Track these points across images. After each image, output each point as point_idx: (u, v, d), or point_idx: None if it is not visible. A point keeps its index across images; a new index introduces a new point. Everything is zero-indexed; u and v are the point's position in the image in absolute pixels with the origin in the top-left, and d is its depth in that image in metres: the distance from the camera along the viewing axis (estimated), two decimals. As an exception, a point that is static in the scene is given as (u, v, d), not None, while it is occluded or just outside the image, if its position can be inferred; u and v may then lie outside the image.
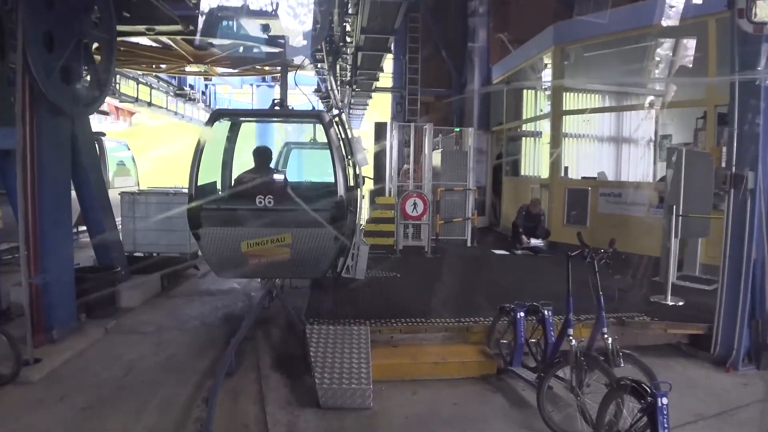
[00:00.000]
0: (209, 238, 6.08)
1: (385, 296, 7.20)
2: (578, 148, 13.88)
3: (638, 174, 14.53)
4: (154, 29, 9.59)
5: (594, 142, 14.66)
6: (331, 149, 6.20)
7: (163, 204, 10.34)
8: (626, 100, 14.45)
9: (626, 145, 14.99)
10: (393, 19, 9.65)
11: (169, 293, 8.68)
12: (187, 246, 10.25)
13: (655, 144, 15.02)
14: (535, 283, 8.26)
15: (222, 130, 7.22)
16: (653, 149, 14.97)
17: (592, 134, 14.47)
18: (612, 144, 14.93)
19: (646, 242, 10.05)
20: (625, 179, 13.42)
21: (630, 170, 14.61)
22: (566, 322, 4.80)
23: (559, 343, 4.93)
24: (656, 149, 14.95)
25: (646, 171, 14.77)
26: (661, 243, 8.95)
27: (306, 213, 6.10)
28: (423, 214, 10.58)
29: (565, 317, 4.85)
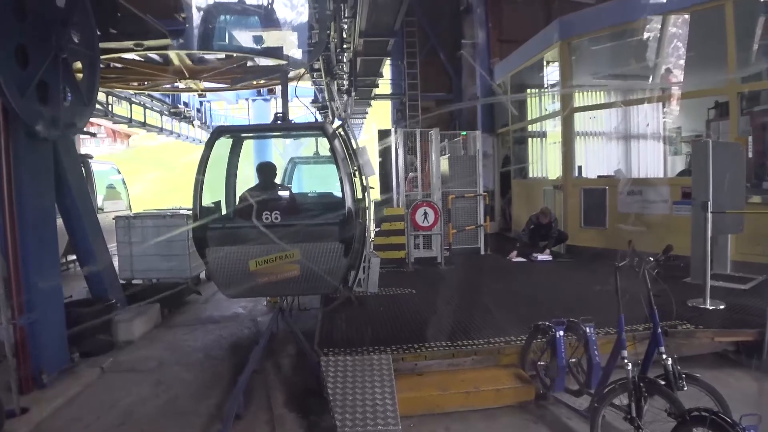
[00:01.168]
0: (216, 259, 5.92)
1: (403, 317, 6.61)
2: (586, 146, 13.40)
3: (649, 169, 14.09)
4: (143, 44, 9.21)
5: (601, 139, 14.20)
6: (336, 161, 6.05)
7: (160, 227, 9.86)
8: (634, 94, 14.00)
9: (635, 140, 14.58)
10: (392, 20, 9.16)
11: (170, 322, 8.10)
12: (188, 270, 9.77)
13: (664, 137, 14.65)
14: (560, 292, 7.74)
15: (224, 147, 7.04)
16: (662, 143, 14.65)
17: (600, 131, 14.00)
18: (620, 140, 14.49)
19: (671, 240, 9.52)
20: (636, 176, 12.94)
21: (640, 166, 14.18)
22: (619, 343, 4.23)
23: (611, 367, 4.35)
24: (665, 143, 14.61)
25: (657, 166, 14.36)
26: (689, 241, 8.61)
27: (314, 227, 6.01)
28: (434, 223, 10.04)
29: (617, 337, 4.28)
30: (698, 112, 13.07)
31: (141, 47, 9.35)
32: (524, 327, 5.77)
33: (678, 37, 10.71)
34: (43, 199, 5.91)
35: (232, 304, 9.00)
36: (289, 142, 24.58)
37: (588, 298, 7.29)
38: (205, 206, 6.24)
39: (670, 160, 14.55)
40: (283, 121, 6.72)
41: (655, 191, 10.20)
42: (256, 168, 7.00)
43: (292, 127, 7.48)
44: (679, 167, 14.15)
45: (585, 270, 9.22)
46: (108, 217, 10.74)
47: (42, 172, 5.93)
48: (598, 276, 8.42)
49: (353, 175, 6.64)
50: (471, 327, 6.01)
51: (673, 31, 10.87)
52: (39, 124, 5.56)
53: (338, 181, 6.09)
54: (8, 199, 5.24)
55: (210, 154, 6.11)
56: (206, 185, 6.14)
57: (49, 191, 6.11)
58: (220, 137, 6.51)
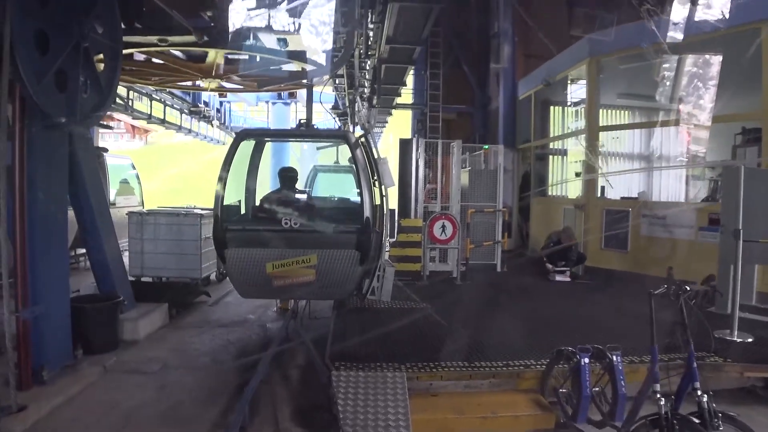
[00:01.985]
0: (235, 259, 6.03)
1: (418, 332, 6.37)
2: (608, 167, 13.11)
3: (670, 194, 13.81)
4: (167, 40, 9.09)
5: (623, 160, 13.95)
6: (357, 170, 6.20)
7: (173, 225, 9.71)
8: (658, 116, 13.75)
9: (657, 163, 14.31)
10: (421, 27, 8.95)
11: (178, 324, 7.90)
12: (199, 270, 9.62)
13: (688, 162, 14.36)
14: (580, 315, 7.45)
15: (246, 149, 7.14)
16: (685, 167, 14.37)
17: (622, 152, 13.74)
18: (642, 162, 14.24)
19: (695, 268, 9.26)
20: (656, 199, 12.69)
21: (662, 189, 13.91)
22: (652, 375, 3.97)
23: (641, 400, 4.08)
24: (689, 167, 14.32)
25: (678, 190, 14.09)
26: (715, 269, 8.18)
27: (332, 234, 6.12)
28: (452, 237, 9.78)
29: (650, 369, 4.02)
30: (723, 137, 12.75)
31: (165, 43, 9.26)
32: (544, 350, 5.54)
33: (709, 60, 10.45)
34: (55, 190, 5.75)
35: (241, 308, 8.80)
36: (307, 147, 24.56)
37: (609, 322, 7.04)
38: (227, 207, 6.33)
39: (692, 185, 14.29)
40: (307, 127, 6.81)
41: (680, 216, 9.92)
42: (278, 172, 7.09)
43: (316, 134, 7.80)
44: (702, 193, 13.86)
45: (605, 293, 8.93)
46: (120, 212, 10.61)
47: (56, 161, 5.78)
48: (619, 300, 8.17)
49: (373, 184, 6.63)
50: (488, 348, 5.76)
51: (703, 54, 10.62)
52: (55, 112, 5.40)
53: (358, 189, 6.24)
54: (19, 187, 5.08)
55: (234, 155, 6.22)
56: (228, 187, 6.24)
57: (61, 182, 5.96)
58: (245, 140, 6.64)
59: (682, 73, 11.05)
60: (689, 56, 10.81)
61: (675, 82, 11.45)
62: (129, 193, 14.13)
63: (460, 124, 18.68)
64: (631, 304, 7.92)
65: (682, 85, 11.79)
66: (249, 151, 7.46)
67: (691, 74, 11.39)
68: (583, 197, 11.63)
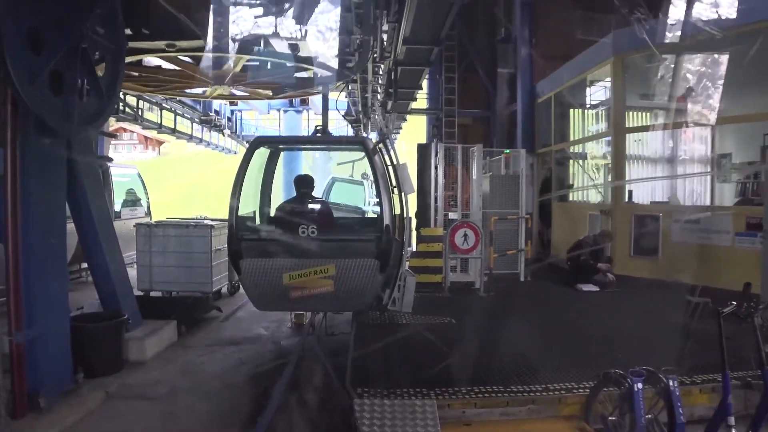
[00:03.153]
0: (250, 270, 5.88)
1: (445, 352, 5.84)
2: (630, 171, 12.58)
3: (695, 197, 13.26)
4: (175, 45, 8.78)
5: (646, 163, 13.40)
6: (376, 177, 6.10)
7: (182, 237, 9.31)
8: (684, 117, 13.24)
9: (681, 165, 13.78)
10: (440, 25, 8.52)
11: (187, 342, 7.44)
12: (209, 284, 9.20)
13: (713, 164, 13.85)
14: (616, 329, 6.95)
15: (260, 158, 7.01)
16: (711, 169, 13.84)
17: (645, 155, 13.19)
18: (665, 165, 13.69)
19: (732, 276, 8.69)
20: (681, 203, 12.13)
21: (686, 193, 13.35)
22: (725, 407, 3.47)
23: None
24: (714, 169, 13.79)
25: (704, 193, 13.56)
26: (755, 277, 7.62)
27: (350, 243, 6.04)
28: (475, 246, 9.29)
29: (722, 399, 3.52)
30: (751, 137, 12.20)
31: (173, 48, 8.95)
32: (585, 370, 5.09)
33: (737, 56, 9.89)
34: (51, 200, 5.34)
35: (253, 323, 8.36)
36: (319, 155, 24.20)
37: (648, 336, 6.50)
38: (241, 217, 6.20)
39: (718, 188, 13.75)
40: (323, 133, 6.68)
41: (715, 221, 9.37)
42: (294, 180, 6.93)
43: (332, 141, 7.65)
44: (727, 196, 13.31)
45: (638, 303, 8.40)
46: (126, 224, 10.22)
47: (52, 170, 5.36)
48: (655, 311, 7.60)
49: (392, 191, 6.42)
50: (524, 369, 5.26)
51: (731, 49, 10.07)
52: (49, 117, 4.98)
53: (377, 197, 6.12)
54: (11, 197, 4.66)
55: (248, 164, 6.12)
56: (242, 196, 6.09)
57: (58, 192, 5.54)
58: (259, 148, 6.51)
59: (709, 71, 10.52)
60: (716, 54, 10.29)
61: (700, 80, 10.96)
62: (135, 204, 13.74)
63: (476, 129, 18.18)
64: (669, 315, 7.41)
65: (709, 83, 11.33)
66: (263, 160, 7.27)
67: (718, 72, 10.89)
68: (611, 202, 11.07)
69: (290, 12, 10.44)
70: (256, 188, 7.20)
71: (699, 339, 5.86)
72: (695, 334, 5.85)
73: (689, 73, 11.21)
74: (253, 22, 11.11)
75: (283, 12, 10.26)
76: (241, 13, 12.00)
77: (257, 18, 10.88)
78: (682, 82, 11.57)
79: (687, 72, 11.08)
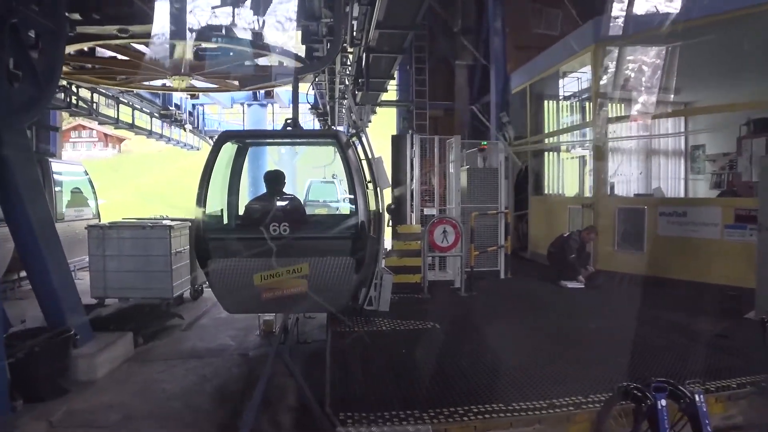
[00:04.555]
0: (218, 271, 5.70)
1: (432, 363, 5.25)
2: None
3: (669, 188, 13.07)
4: (128, 30, 8.09)
5: (621, 155, 13.10)
6: (350, 172, 5.92)
7: (139, 239, 8.56)
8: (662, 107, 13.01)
9: (655, 157, 13.62)
10: (416, 8, 7.93)
11: (145, 356, 6.72)
12: (170, 289, 8.47)
13: (686, 155, 13.67)
14: (614, 331, 6.50)
15: (228, 153, 6.75)
16: (684, 161, 13.54)
17: (621, 147, 12.88)
18: (641, 156, 13.46)
19: (722, 270, 8.46)
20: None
21: (662, 184, 13.16)
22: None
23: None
24: (687, 161, 13.60)
25: (677, 185, 13.37)
26: (744, 270, 7.69)
27: (324, 241, 5.84)
28: (455, 244, 8.76)
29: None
30: (725, 128, 12.01)
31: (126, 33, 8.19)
32: (591, 381, 4.60)
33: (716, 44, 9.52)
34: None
35: (218, 332, 7.70)
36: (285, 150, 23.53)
37: (650, 339, 6.04)
38: (209, 215, 6.02)
39: (691, 179, 13.58)
40: (294, 127, 6.37)
41: (702, 213, 9.04)
42: (264, 176, 6.70)
43: (304, 135, 7.34)
44: (701, 187, 13.15)
45: (628, 301, 7.98)
46: (72, 226, 9.40)
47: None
48: (649, 309, 7.23)
49: (367, 187, 6.25)
50: (525, 382, 4.71)
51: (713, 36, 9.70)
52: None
53: (350, 193, 5.99)
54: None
55: (215, 159, 5.90)
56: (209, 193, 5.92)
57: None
58: (227, 142, 6.31)
59: (687, 59, 10.18)
60: (696, 40, 9.93)
61: (673, 69, 10.67)
62: (81, 204, 12.63)
63: (447, 121, 17.69)
64: (664, 313, 7.09)
65: (687, 72, 11.04)
66: (231, 156, 6.93)
67: (698, 60, 10.57)
68: (593, 195, 10.65)
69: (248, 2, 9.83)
70: (223, 185, 6.84)
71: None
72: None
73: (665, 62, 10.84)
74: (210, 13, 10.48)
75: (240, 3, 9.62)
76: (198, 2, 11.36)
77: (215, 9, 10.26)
78: (661, 71, 11.22)
79: (664, 61, 10.70)
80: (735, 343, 5.86)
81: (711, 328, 6.44)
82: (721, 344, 5.83)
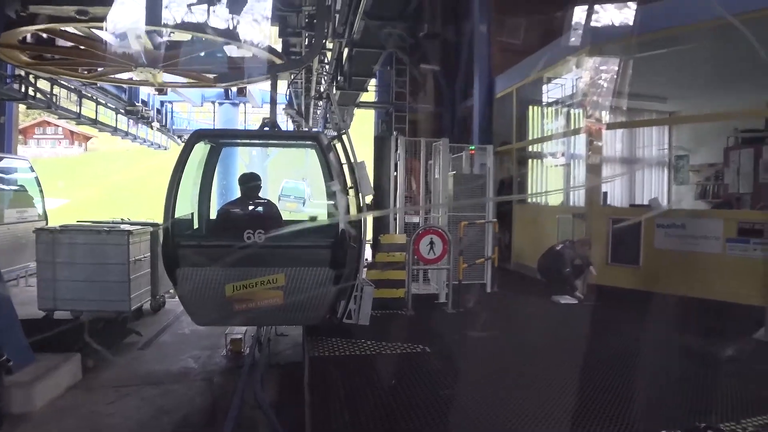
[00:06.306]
0: (188, 281, 5.37)
1: (427, 397, 4.54)
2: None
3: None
4: (88, 12, 7.39)
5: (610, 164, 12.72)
6: (331, 176, 5.64)
7: (94, 245, 7.72)
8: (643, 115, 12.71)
9: (639, 166, 13.37)
10: (405, -2, 7.27)
11: (94, 381, 5.86)
12: (127, 302, 7.65)
13: (670, 165, 13.38)
14: (624, 356, 5.82)
15: (200, 153, 6.42)
16: (668, 171, 13.35)
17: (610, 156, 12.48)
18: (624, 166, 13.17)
19: (724, 286, 7.95)
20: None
21: (645, 195, 12.86)
22: None
23: None
24: (671, 171, 13.28)
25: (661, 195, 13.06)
26: (749, 288, 7.44)
27: (302, 250, 5.53)
28: (442, 256, 8.10)
29: None
30: (708, 139, 11.77)
31: (85, 16, 7.61)
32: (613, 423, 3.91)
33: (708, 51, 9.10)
34: None
35: (180, 351, 6.89)
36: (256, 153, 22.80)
37: (660, 365, 5.48)
38: (178, 220, 5.70)
39: (675, 190, 13.29)
40: (272, 128, 6.20)
41: (702, 226, 8.56)
42: (239, 179, 6.37)
43: (282, 136, 7.06)
44: (686, 199, 12.86)
45: (629, 319, 7.41)
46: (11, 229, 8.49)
47: None
48: (653, 329, 6.70)
49: (347, 193, 5.94)
50: (538, 418, 4.04)
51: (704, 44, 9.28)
52: None
53: (329, 200, 5.81)
54: None
55: (186, 160, 5.56)
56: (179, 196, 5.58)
57: None
58: (199, 142, 6.00)
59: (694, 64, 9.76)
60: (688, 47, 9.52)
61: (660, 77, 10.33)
62: (25, 203, 11.44)
63: (427, 125, 17.10)
64: (669, 334, 6.55)
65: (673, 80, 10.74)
66: (203, 156, 6.60)
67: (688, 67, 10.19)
68: (585, 205, 10.11)
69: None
70: (195, 188, 6.49)
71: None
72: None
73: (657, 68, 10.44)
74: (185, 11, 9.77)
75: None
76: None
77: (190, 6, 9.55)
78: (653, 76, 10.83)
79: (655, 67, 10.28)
80: (748, 369, 5.37)
81: (722, 351, 5.91)
82: (736, 371, 5.32)
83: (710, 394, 4.68)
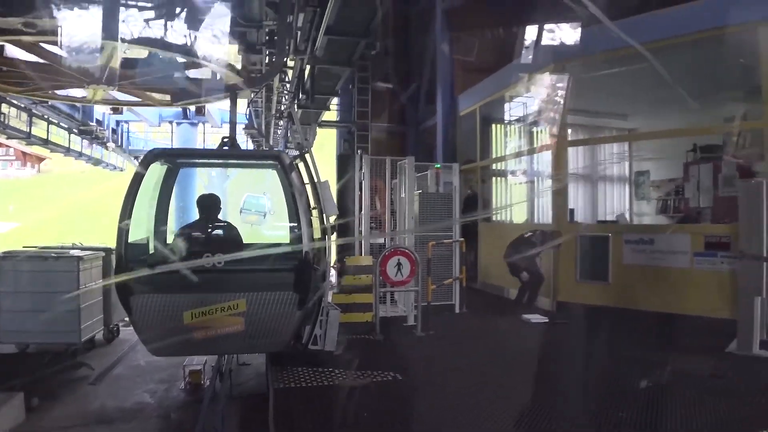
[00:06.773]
0: (143, 308, 5.07)
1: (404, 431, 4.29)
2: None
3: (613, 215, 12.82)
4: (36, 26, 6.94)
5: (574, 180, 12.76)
6: (294, 197, 5.44)
7: (41, 272, 7.22)
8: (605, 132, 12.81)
9: (600, 183, 13.40)
10: (371, 13, 7.08)
11: (38, 422, 5.34)
12: (77, 332, 7.14)
13: (630, 181, 13.50)
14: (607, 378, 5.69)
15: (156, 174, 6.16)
16: (629, 187, 13.26)
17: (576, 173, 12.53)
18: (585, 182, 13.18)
19: (693, 300, 8.01)
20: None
21: (607, 210, 12.90)
22: None
23: None
24: (632, 187, 13.42)
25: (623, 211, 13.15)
26: (716, 300, 7.59)
27: (264, 274, 5.32)
28: (410, 277, 7.87)
29: None
30: (668, 155, 11.90)
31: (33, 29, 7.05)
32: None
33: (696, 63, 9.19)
34: None
35: (134, 385, 6.40)
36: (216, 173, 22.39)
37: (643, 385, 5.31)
38: (133, 244, 5.45)
39: (636, 205, 13.40)
40: (231, 146, 5.92)
41: (670, 240, 8.57)
42: (197, 201, 6.04)
43: (242, 155, 6.94)
44: (647, 214, 12.97)
45: (603, 338, 7.16)
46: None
47: None
48: (630, 348, 6.60)
49: (311, 214, 5.80)
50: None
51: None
52: None
53: (292, 221, 5.69)
54: None
55: (141, 180, 5.31)
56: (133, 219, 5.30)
57: None
58: (155, 161, 5.75)
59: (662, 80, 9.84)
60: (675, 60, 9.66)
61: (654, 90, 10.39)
62: None
63: (390, 144, 16.98)
64: (644, 351, 6.48)
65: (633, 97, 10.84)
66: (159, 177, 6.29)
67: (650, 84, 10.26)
68: (553, 222, 10.03)
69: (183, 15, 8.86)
70: (150, 210, 6.19)
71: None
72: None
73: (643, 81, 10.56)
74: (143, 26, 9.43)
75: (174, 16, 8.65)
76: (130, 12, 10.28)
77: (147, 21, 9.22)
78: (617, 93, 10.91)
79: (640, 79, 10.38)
80: (733, 385, 5.26)
81: (700, 366, 5.86)
82: (722, 387, 5.20)
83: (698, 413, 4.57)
